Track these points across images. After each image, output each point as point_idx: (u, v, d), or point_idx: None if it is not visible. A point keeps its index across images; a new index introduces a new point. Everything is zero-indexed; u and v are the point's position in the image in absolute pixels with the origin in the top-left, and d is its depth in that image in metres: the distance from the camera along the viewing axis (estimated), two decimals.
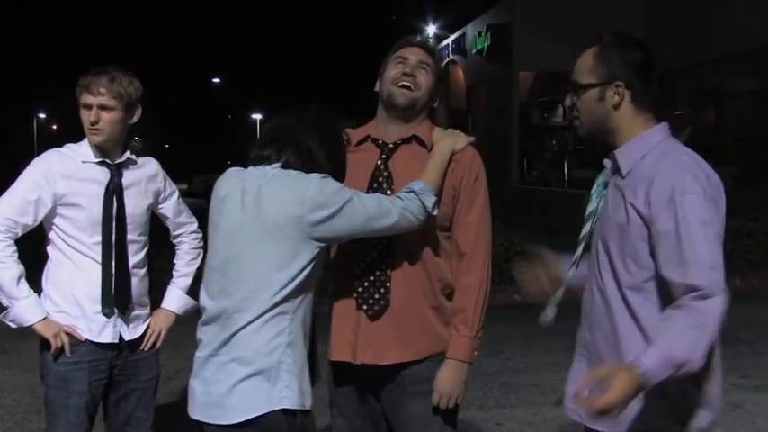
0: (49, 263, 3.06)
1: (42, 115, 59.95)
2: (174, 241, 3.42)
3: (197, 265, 3.37)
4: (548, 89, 20.43)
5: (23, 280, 2.94)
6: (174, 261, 3.41)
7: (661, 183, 2.02)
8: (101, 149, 3.04)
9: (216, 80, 53.62)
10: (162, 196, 3.26)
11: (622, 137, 2.19)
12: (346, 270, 2.62)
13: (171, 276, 3.40)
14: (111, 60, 3.19)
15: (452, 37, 25.21)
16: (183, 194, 3.46)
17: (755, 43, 13.74)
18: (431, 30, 27.77)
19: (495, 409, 5.27)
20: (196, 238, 3.41)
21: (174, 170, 3.33)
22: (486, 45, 21.43)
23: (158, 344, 3.24)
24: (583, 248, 2.30)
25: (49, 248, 3.05)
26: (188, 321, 3.30)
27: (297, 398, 2.34)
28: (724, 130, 15.85)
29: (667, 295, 1.99)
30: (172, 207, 3.31)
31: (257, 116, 56.96)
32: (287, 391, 2.32)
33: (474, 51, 22.47)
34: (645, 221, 2.05)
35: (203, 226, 2.82)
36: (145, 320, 3.20)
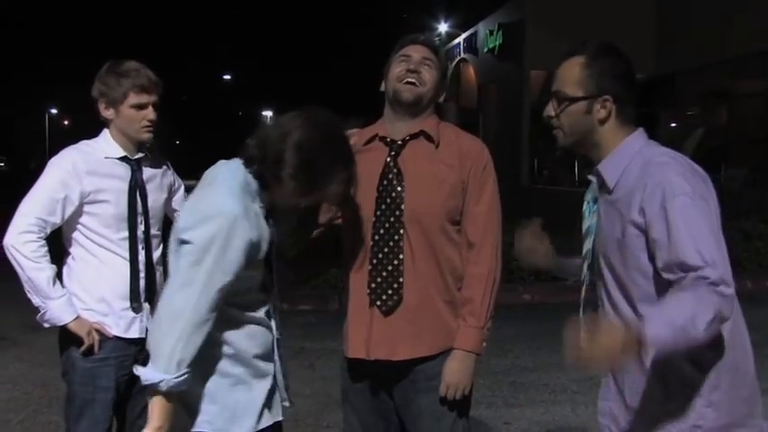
0: (71, 261, 3.06)
1: (54, 111, 60.18)
2: None
3: None
4: None
5: (57, 280, 2.96)
6: None
7: (651, 190, 2.00)
8: (135, 145, 3.05)
9: (227, 77, 53.84)
10: (173, 189, 3.29)
11: (605, 150, 2.16)
12: (358, 267, 2.63)
13: None
14: (122, 56, 3.19)
15: (464, 35, 25.17)
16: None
17: (766, 44, 13.68)
18: (442, 28, 27.73)
19: (503, 408, 5.27)
20: None
21: (184, 166, 3.35)
22: (497, 43, 21.40)
23: None
24: (587, 267, 2.26)
25: (72, 247, 3.05)
26: None
27: (219, 423, 2.23)
28: (734, 132, 15.80)
29: None
30: (180, 200, 3.34)
31: (267, 113, 57.04)
32: (202, 416, 2.23)
33: (485, 50, 22.43)
34: (641, 230, 2.02)
35: None
36: None
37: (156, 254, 3.14)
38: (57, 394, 3.23)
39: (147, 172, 3.11)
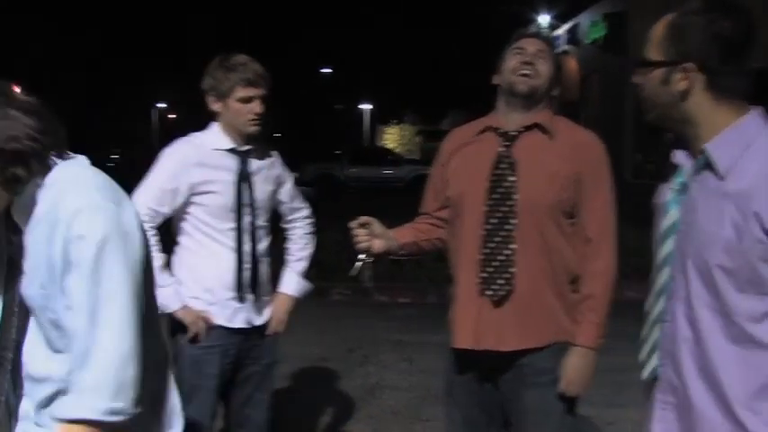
0: (180, 250, 3.17)
1: (162, 105, 62.44)
2: (287, 226, 3.48)
3: (311, 250, 3.46)
4: None
5: (166, 268, 3.07)
6: (288, 246, 3.47)
7: None
8: (243, 137, 3.11)
9: (326, 70, 54.54)
10: (280, 181, 3.33)
11: (701, 128, 1.73)
12: (468, 256, 2.62)
13: (284, 262, 3.47)
14: (223, 51, 3.25)
15: (565, 27, 24.75)
16: (294, 182, 3.52)
17: None
18: (543, 19, 27.31)
19: (605, 407, 5.14)
20: (309, 223, 3.48)
21: (284, 158, 3.41)
22: (601, 35, 20.94)
23: (281, 328, 3.33)
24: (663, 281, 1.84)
25: (181, 236, 3.15)
26: (301, 305, 3.44)
27: None
28: None
29: None
30: (288, 192, 3.38)
31: (366, 106, 57.50)
32: None
33: (588, 41, 21.98)
34: None
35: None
36: (268, 305, 3.28)
37: (262, 245, 3.19)
38: None
39: (255, 164, 3.17)
